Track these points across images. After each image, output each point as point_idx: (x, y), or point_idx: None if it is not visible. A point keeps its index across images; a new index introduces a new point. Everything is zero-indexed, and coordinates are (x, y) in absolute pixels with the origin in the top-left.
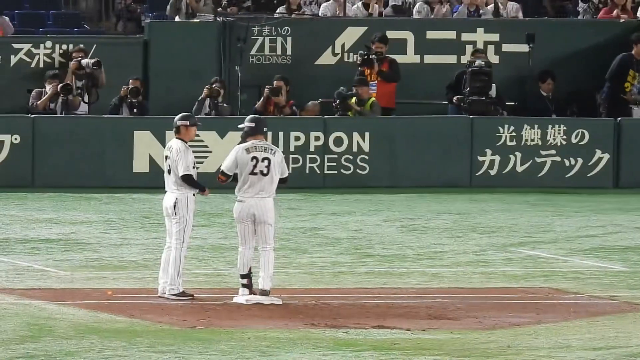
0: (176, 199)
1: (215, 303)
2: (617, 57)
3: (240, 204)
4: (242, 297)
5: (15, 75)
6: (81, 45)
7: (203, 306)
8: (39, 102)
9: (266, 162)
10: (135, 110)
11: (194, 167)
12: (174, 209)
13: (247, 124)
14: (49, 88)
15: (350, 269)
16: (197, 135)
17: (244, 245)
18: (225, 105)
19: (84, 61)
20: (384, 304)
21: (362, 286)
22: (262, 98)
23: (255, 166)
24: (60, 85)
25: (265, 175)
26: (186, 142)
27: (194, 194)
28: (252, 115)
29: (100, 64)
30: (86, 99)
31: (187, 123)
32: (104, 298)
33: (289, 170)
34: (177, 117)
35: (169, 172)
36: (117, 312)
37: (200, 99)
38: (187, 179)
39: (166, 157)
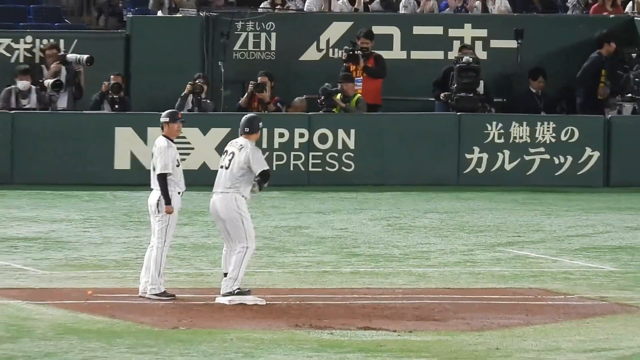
0: (159, 196)
1: (198, 303)
2: (588, 58)
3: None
4: (225, 297)
5: None
6: (61, 40)
7: (185, 306)
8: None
9: (230, 155)
10: (116, 106)
11: (177, 165)
12: (157, 206)
13: None
14: (21, 84)
15: (335, 269)
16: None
17: (225, 244)
18: (208, 101)
19: (70, 56)
20: (370, 304)
21: (348, 286)
22: (246, 94)
23: (223, 159)
24: (52, 81)
25: (226, 168)
26: (170, 139)
27: (178, 192)
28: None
29: (92, 60)
30: (64, 97)
31: (168, 120)
32: (84, 298)
33: (272, 167)
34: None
35: (154, 169)
36: (97, 312)
37: (183, 95)
38: (160, 179)
39: (152, 154)
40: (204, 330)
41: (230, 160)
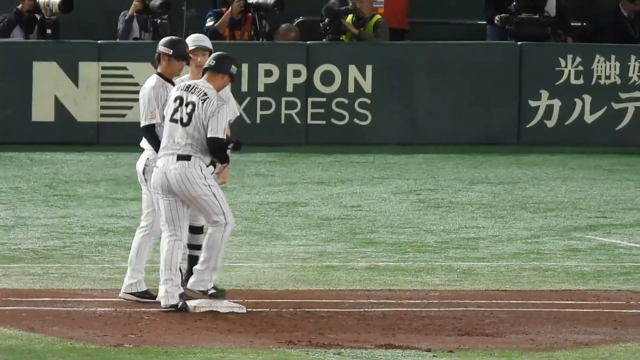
0: (147, 159)
1: (150, 311)
2: None
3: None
4: (190, 302)
5: None
6: None
7: (132, 315)
8: None
9: (189, 107)
10: (48, 31)
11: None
12: (144, 173)
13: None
14: None
15: (345, 263)
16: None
17: (167, 231)
18: (165, 22)
19: None
20: (393, 313)
21: (362, 287)
22: (226, 12)
23: (173, 109)
24: None
25: (183, 124)
26: (164, 78)
27: None
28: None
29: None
30: None
31: (170, 52)
32: None
33: (255, 119)
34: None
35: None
36: (9, 323)
37: (126, 16)
38: (147, 133)
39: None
40: (158, 348)
41: (189, 114)
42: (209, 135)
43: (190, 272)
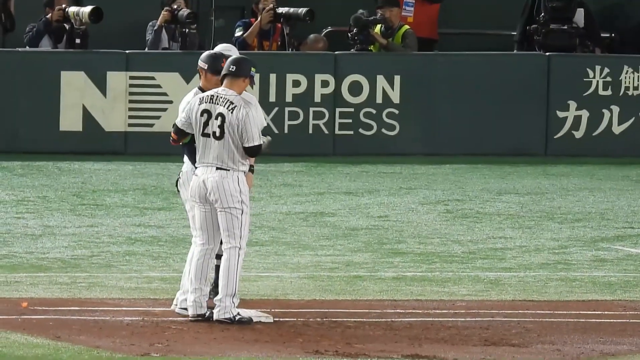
0: (181, 172)
1: (177, 320)
2: None
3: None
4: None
5: None
6: None
7: (159, 324)
8: None
9: (219, 119)
10: (77, 41)
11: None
12: (176, 185)
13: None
14: None
15: (372, 273)
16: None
17: (200, 238)
18: (193, 32)
19: None
20: (420, 323)
21: (389, 297)
22: (255, 22)
23: (202, 123)
24: None
25: (217, 138)
26: (203, 92)
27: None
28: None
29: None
30: None
31: (205, 67)
32: (17, 312)
33: (283, 129)
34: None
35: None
36: (36, 332)
37: (155, 27)
38: (185, 146)
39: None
40: (185, 358)
41: (221, 127)
42: (245, 146)
43: (216, 282)
